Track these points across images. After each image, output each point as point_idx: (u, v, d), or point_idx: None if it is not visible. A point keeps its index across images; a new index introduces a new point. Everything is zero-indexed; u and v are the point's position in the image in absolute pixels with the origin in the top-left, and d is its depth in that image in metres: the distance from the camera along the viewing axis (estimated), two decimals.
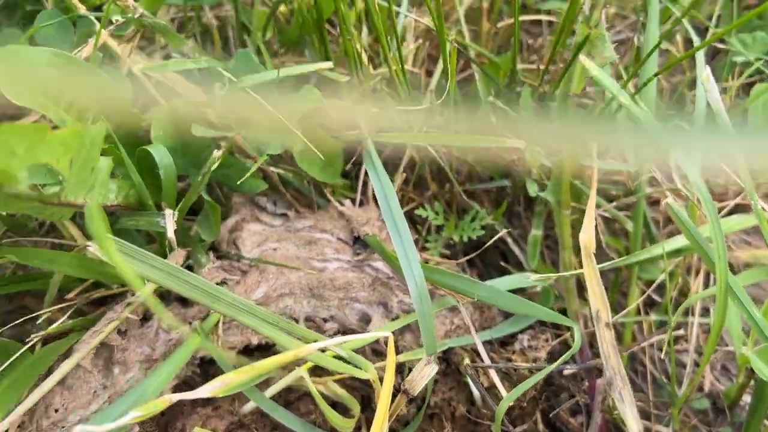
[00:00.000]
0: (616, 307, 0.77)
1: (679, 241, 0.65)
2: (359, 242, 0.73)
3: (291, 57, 0.80)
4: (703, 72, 0.52)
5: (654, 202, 0.75)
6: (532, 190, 0.69)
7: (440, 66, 0.78)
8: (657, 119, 0.61)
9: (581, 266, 0.73)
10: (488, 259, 0.80)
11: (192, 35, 0.80)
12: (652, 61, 0.64)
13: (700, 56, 0.64)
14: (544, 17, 0.84)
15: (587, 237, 0.57)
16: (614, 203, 0.71)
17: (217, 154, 0.56)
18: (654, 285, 0.68)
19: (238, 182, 0.67)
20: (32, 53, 0.57)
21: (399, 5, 0.78)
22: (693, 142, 0.55)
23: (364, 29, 0.78)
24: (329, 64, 0.67)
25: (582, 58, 0.57)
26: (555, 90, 0.63)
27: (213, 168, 0.60)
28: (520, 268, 0.78)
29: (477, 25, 0.86)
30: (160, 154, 0.61)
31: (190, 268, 0.68)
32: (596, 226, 0.67)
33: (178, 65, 0.61)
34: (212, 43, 0.82)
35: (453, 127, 0.67)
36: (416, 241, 0.75)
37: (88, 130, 0.46)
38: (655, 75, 0.59)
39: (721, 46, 0.80)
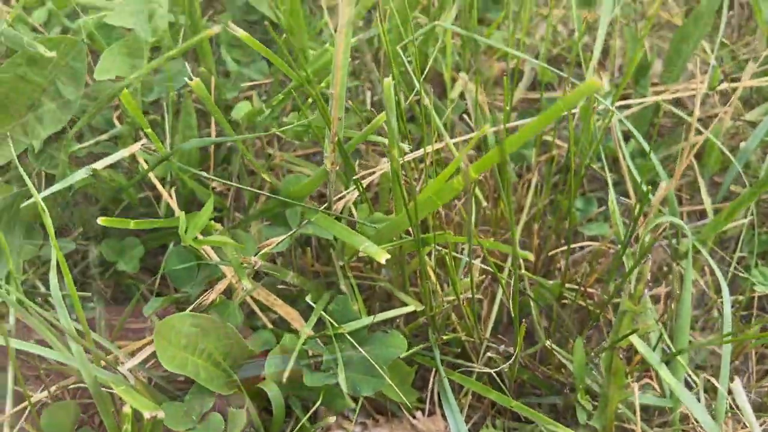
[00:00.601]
0: None
1: None
2: None
3: (370, 270, 0.93)
4: (729, 381, 0.64)
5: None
6: (582, 418, 0.80)
7: (500, 292, 0.90)
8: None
9: None
10: None
11: (289, 251, 0.93)
12: (685, 328, 0.76)
13: (728, 317, 0.76)
14: (588, 243, 0.96)
15: None
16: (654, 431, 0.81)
17: (331, 419, 0.68)
18: None
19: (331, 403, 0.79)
20: (179, 320, 0.70)
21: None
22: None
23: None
24: (412, 308, 0.80)
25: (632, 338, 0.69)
26: (605, 350, 0.75)
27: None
28: None
29: (528, 237, 0.99)
30: (273, 392, 0.74)
31: None
32: None
33: (300, 340, 0.74)
34: (303, 253, 0.96)
35: (516, 363, 0.79)
36: None
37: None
38: (690, 346, 0.71)
39: (745, 275, 0.92)
